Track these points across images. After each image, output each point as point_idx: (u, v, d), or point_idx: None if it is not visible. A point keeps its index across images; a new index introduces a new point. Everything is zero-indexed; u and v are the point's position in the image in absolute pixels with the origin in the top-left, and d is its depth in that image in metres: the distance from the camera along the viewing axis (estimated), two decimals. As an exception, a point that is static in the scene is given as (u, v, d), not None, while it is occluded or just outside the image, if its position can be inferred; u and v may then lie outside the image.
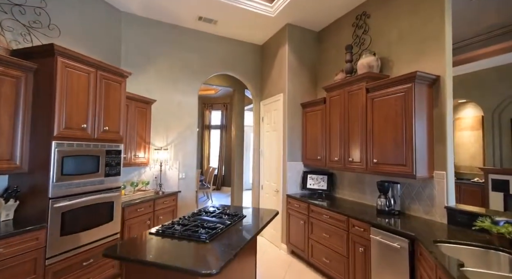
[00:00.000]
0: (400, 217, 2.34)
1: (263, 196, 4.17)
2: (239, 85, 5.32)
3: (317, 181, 3.52)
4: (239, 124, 5.32)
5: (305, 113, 3.62)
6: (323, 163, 3.24)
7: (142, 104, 3.33)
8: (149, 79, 3.55)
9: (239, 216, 2.19)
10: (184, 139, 3.76)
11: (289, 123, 3.59)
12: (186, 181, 3.74)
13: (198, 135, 9.18)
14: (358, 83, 2.71)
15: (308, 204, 3.08)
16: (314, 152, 3.42)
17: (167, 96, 3.66)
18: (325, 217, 2.78)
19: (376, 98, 2.50)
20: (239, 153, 5.30)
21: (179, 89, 3.75)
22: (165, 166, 3.59)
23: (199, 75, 3.90)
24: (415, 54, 2.47)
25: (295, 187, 3.58)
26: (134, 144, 3.19)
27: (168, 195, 3.42)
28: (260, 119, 4.33)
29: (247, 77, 4.27)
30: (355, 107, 2.75)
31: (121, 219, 2.72)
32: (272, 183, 3.90)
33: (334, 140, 3.04)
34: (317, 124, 3.38)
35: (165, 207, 3.36)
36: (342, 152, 2.90)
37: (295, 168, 3.60)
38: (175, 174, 3.66)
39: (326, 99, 3.19)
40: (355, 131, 2.74)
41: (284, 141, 3.62)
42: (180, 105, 3.75)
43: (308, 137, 3.54)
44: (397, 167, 2.27)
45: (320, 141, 3.31)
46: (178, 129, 3.72)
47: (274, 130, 3.90)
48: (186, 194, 3.73)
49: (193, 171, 3.82)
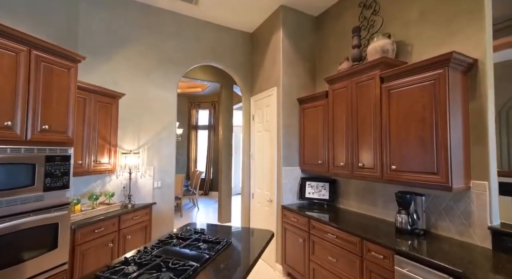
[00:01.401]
0: (427, 239, 1.85)
1: (254, 206, 3.62)
2: (227, 80, 4.77)
3: (317, 189, 3.00)
4: (227, 123, 4.76)
5: (303, 110, 3.10)
6: (325, 169, 2.73)
7: (105, 99, 2.72)
8: (117, 69, 2.95)
9: (222, 244, 1.64)
10: (160, 141, 3.17)
11: (284, 121, 3.06)
12: (162, 191, 3.15)
13: (184, 136, 8.55)
14: (370, 72, 2.21)
15: (308, 218, 2.55)
16: (314, 156, 2.90)
17: (139, 89, 3.07)
18: (330, 236, 2.26)
19: (394, 89, 2.01)
20: (227, 156, 4.74)
21: (154, 82, 3.16)
22: (136, 173, 2.99)
23: (179, 66, 3.32)
24: (441, 34, 2.00)
25: (291, 197, 3.06)
26: (95, 147, 2.58)
27: (140, 208, 2.82)
28: (250, 118, 3.79)
29: (235, 69, 3.72)
30: (365, 100, 2.25)
31: (71, 244, 2.12)
32: (265, 192, 3.36)
33: (339, 141, 2.53)
34: (317, 123, 2.86)
35: (135, 223, 2.76)
36: (350, 156, 2.39)
37: (291, 174, 3.07)
38: (149, 183, 3.07)
39: (329, 93, 2.68)
40: (366, 131, 2.24)
41: (278, 143, 3.09)
42: (156, 101, 3.16)
43: (307, 138, 3.03)
44: (425, 175, 1.78)
45: (322, 142, 2.79)
46: (152, 129, 3.13)
47: (267, 130, 3.36)
48: (162, 206, 3.14)
49: (172, 178, 3.23)
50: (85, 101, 2.50)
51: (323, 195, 2.95)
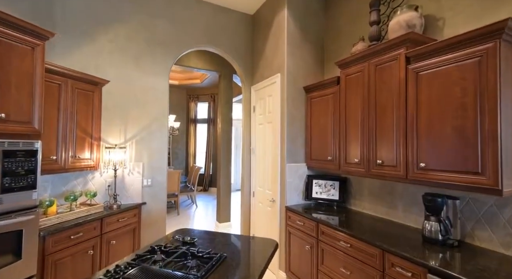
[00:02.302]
0: (464, 251, 1.53)
1: (255, 206, 3.31)
2: (226, 69, 4.41)
3: (325, 188, 2.68)
4: (226, 116, 4.43)
5: (310, 100, 2.76)
6: (335, 166, 2.40)
7: (86, 86, 2.39)
8: (99, 52, 2.60)
9: (215, 259, 1.32)
10: (150, 134, 2.85)
11: (288, 112, 2.72)
12: (153, 189, 2.84)
13: (183, 130, 8.22)
14: (393, 51, 1.86)
15: (316, 222, 2.24)
16: (322, 151, 2.57)
17: (126, 76, 2.73)
18: (343, 245, 1.95)
19: (424, 70, 1.66)
20: (226, 151, 4.42)
21: (143, 68, 2.81)
22: (122, 170, 2.67)
23: (171, 50, 2.97)
24: (483, 3, 1.63)
25: (296, 197, 2.74)
26: (73, 141, 2.26)
27: (127, 209, 2.52)
28: (251, 109, 3.45)
29: (233, 55, 3.36)
30: (386, 86, 1.90)
31: (40, 254, 1.81)
32: (267, 190, 3.04)
33: (352, 135, 2.19)
34: (327, 114, 2.52)
35: (122, 226, 2.46)
36: (366, 151, 2.06)
37: (296, 171, 2.75)
38: (138, 181, 2.75)
39: (341, 79, 2.33)
40: (386, 122, 1.90)
41: (282, 137, 2.75)
42: (145, 89, 2.82)
43: (315, 131, 2.69)
44: (464, 176, 1.44)
45: (332, 136, 2.46)
46: (141, 120, 2.80)
47: (269, 122, 3.03)
48: (153, 206, 2.83)
49: (163, 175, 2.92)
50: (60, 87, 2.17)
51: (332, 195, 2.63)
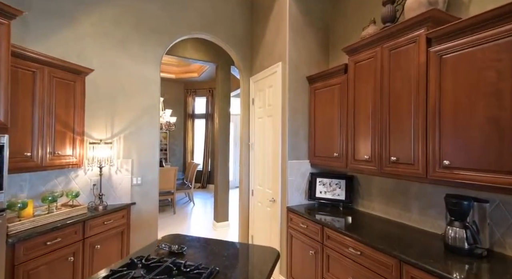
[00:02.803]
0: (492, 262, 1.32)
1: (254, 206, 3.10)
2: (224, 60, 4.16)
3: (330, 187, 2.46)
4: (224, 110, 4.19)
5: (314, 91, 2.52)
6: (342, 164, 2.18)
7: (66, 74, 2.15)
8: (82, 37, 2.36)
9: (204, 275, 1.11)
10: (140, 128, 2.62)
11: (290, 105, 2.49)
12: (143, 188, 2.62)
13: (180, 125, 7.99)
14: (411, 32, 1.62)
15: (321, 226, 2.02)
16: (328, 147, 2.34)
17: (112, 64, 2.49)
18: (352, 252, 1.74)
19: (449, 53, 1.42)
20: (224, 147, 4.20)
21: (131, 56, 2.57)
22: (109, 167, 2.45)
23: (163, 37, 2.72)
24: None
25: (298, 196, 2.52)
26: (52, 136, 2.03)
27: (114, 210, 2.31)
28: (250, 102, 3.22)
29: (231, 43, 3.11)
30: (403, 73, 1.67)
31: (8, 263, 1.60)
32: (267, 189, 2.82)
33: (362, 129, 1.97)
34: (332, 106, 2.29)
35: (108, 229, 2.25)
36: (378, 147, 1.83)
37: (298, 169, 2.53)
38: (126, 179, 2.53)
39: (349, 67, 2.10)
40: (402, 114, 1.67)
41: (283, 131, 2.53)
42: (134, 79, 2.58)
43: (319, 125, 2.46)
44: (499, 175, 1.22)
45: (338, 130, 2.23)
46: (130, 113, 2.57)
47: (269, 115, 2.80)
48: (144, 206, 2.62)
49: (155, 173, 2.70)
50: (35, 75, 1.93)
51: (338, 195, 2.42)
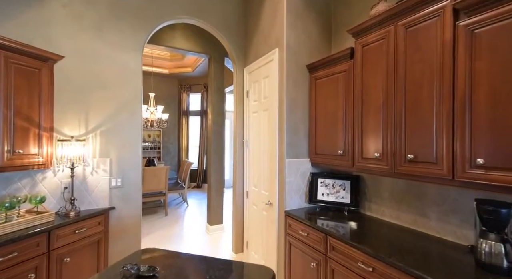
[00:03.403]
0: (540, 285, 1.06)
1: (249, 209, 2.83)
2: (217, 51, 3.87)
3: (333, 189, 2.19)
4: (217, 105, 3.90)
5: (315, 80, 2.25)
6: (348, 162, 1.90)
7: (29, 60, 1.86)
8: (50, 20, 2.06)
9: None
10: (119, 123, 2.33)
11: (288, 97, 2.21)
12: (124, 191, 2.34)
13: (174, 123, 7.69)
14: (433, 4, 1.34)
15: (325, 235, 1.76)
16: (331, 144, 2.07)
17: (86, 51, 2.19)
18: (362, 267, 1.47)
19: (484, 25, 1.15)
20: (217, 145, 3.92)
21: (108, 42, 2.27)
22: (83, 168, 2.16)
23: (145, 21, 2.43)
24: None
25: (297, 199, 2.26)
26: (9, 131, 1.74)
27: (88, 216, 2.03)
28: (244, 94, 2.93)
29: (223, 29, 2.82)
30: (422, 54, 1.40)
31: None
32: (263, 191, 2.55)
33: (372, 122, 1.70)
34: (336, 97, 2.01)
35: (79, 239, 1.97)
36: (390, 143, 1.56)
37: (298, 168, 2.26)
38: (104, 181, 2.25)
39: (356, 51, 1.82)
40: (422, 103, 1.40)
41: (280, 127, 2.25)
42: (112, 68, 2.29)
43: (321, 119, 2.18)
44: (555, 178, 0.95)
45: (343, 124, 1.95)
46: (107, 107, 2.28)
47: (265, 109, 2.52)
48: (125, 211, 2.34)
49: (138, 173, 2.41)
50: (-14, 60, 1.64)
51: (342, 198, 2.15)
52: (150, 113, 5.30)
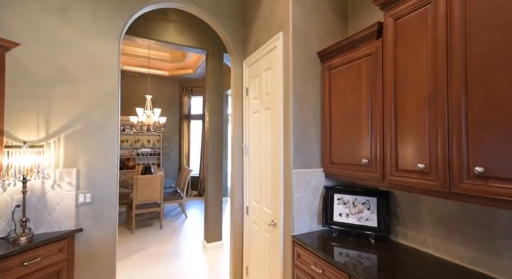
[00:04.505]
0: None
1: (249, 228, 2.37)
2: (216, 46, 3.47)
3: (354, 208, 1.72)
4: (215, 106, 3.49)
5: (329, 70, 1.80)
6: (376, 175, 1.43)
7: (-32, 47, 1.47)
8: (2, 0, 1.69)
9: None
10: (90, 126, 1.92)
11: (295, 91, 1.77)
12: (95, 208, 1.92)
13: (175, 127, 7.33)
14: None
15: (348, 276, 1.28)
16: (351, 150, 1.60)
17: (49, 38, 1.81)
18: None
19: None
20: (215, 151, 3.49)
21: (76, 27, 1.89)
22: (42, 180, 1.76)
23: (124, 3, 2.04)
24: None
25: (308, 220, 1.78)
26: None
27: (44, 243, 1.61)
28: (243, 92, 2.50)
29: (218, 15, 2.42)
30: (497, 16, 0.94)
31: None
32: (265, 208, 2.09)
33: (410, 120, 1.23)
34: (358, 89, 1.56)
35: (31, 272, 1.55)
36: (442, 149, 1.09)
37: (308, 181, 1.79)
38: (69, 196, 1.83)
39: (385, 27, 1.37)
40: (501, 92, 0.93)
41: (286, 129, 1.80)
42: (81, 60, 1.90)
43: (337, 118, 1.72)
44: None
45: (368, 125, 1.49)
46: (75, 105, 1.88)
47: (267, 107, 2.08)
48: (96, 233, 1.91)
49: (113, 185, 1.99)
50: None
51: (366, 220, 1.67)
52: (147, 117, 4.93)
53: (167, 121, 7.17)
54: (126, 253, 3.32)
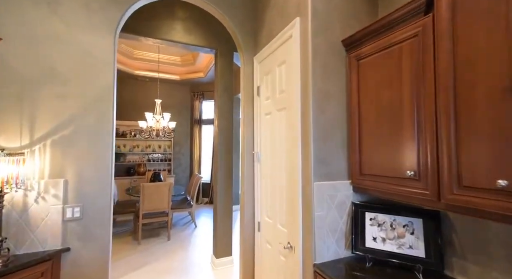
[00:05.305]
0: None
1: (262, 248, 2.05)
2: (225, 45, 3.23)
3: (393, 231, 1.36)
4: (224, 107, 3.23)
5: (356, 62, 1.47)
6: (428, 192, 1.08)
7: None
8: (-15, -9, 1.52)
9: None
10: (81, 130, 1.70)
11: (315, 87, 1.46)
12: (85, 224, 1.68)
13: (187, 132, 7.17)
14: None
15: None
16: (389, 158, 1.26)
17: (34, 32, 1.61)
18: None
19: None
20: (224, 156, 3.22)
21: (67, 20, 1.69)
22: (24, 193, 1.54)
23: (122, -4, 1.83)
24: None
25: (333, 244, 1.45)
26: None
27: (25, 265, 1.38)
28: (254, 91, 2.22)
29: (225, 7, 2.16)
30: None
31: None
32: (279, 226, 1.77)
33: (484, 118, 0.89)
34: (397, 81, 1.22)
35: (5, 301, 1.31)
36: (543, 160, 0.74)
37: (333, 196, 1.46)
38: (55, 211, 1.61)
39: (438, -3, 1.04)
40: None
41: (304, 132, 1.49)
42: (71, 56, 1.69)
43: (368, 118, 1.39)
44: None
45: (414, 126, 1.15)
46: (63, 108, 1.67)
47: (281, 108, 1.78)
48: (85, 253, 1.67)
49: (106, 198, 1.75)
50: None
51: (409, 248, 1.31)
52: (156, 122, 4.77)
53: (178, 126, 7.03)
54: (130, 268, 3.09)
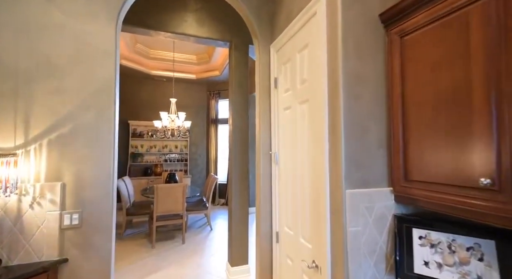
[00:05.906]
0: None
1: (281, 262, 1.80)
2: (239, 37, 3.01)
3: (452, 255, 1.05)
4: (239, 105, 3.01)
5: (399, 39, 1.17)
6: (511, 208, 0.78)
7: None
8: (-23, -23, 1.40)
9: None
10: (80, 128, 1.54)
11: (346, 71, 1.18)
12: (85, 232, 1.52)
13: (203, 132, 7.06)
14: None
15: None
16: (450, 161, 0.95)
17: (29, 21, 1.48)
18: None
19: None
20: (240, 157, 3.01)
21: (64, 7, 1.54)
22: (18, 198, 1.40)
23: (124, -19, 1.66)
24: None
25: (371, 267, 1.16)
26: None
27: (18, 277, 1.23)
28: (271, 83, 1.97)
29: (239, -9, 1.93)
30: None
31: None
32: (302, 240, 1.51)
33: None
34: (465, 60, 0.91)
35: (-9, 320, 1.16)
36: None
37: (370, 207, 1.18)
38: (51, 217, 1.46)
39: None
40: None
41: (333, 128, 1.22)
42: (68, 47, 1.54)
43: (417, 109, 1.08)
44: None
45: (490, 119, 0.84)
46: (60, 103, 1.52)
47: (303, 101, 1.51)
48: (85, 265, 1.51)
49: (108, 202, 1.58)
50: None
51: (476, 276, 1.00)
52: (171, 121, 4.66)
53: (195, 127, 6.94)
54: (142, 273, 2.96)
